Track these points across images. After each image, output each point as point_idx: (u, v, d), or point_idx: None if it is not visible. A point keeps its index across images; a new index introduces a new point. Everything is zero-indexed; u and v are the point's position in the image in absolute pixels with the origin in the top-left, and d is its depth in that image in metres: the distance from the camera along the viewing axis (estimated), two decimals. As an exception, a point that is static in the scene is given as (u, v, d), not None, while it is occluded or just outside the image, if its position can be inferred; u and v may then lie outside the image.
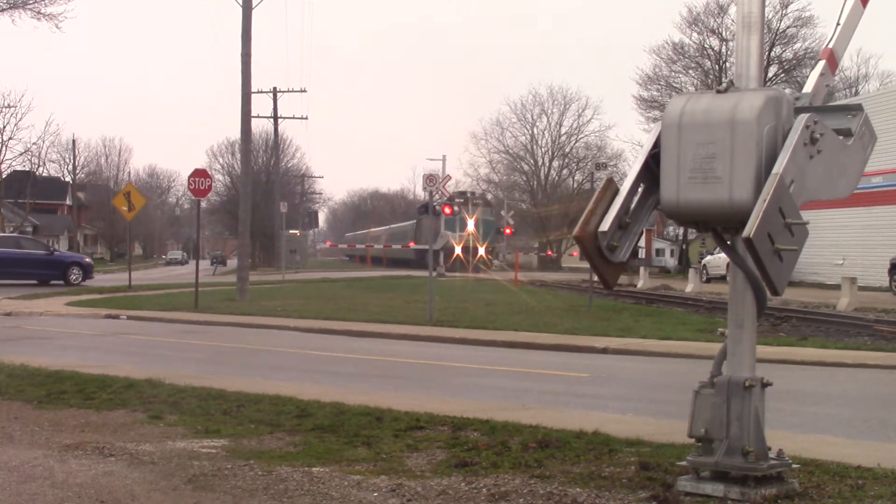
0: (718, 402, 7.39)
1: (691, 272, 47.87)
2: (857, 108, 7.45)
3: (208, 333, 23.35)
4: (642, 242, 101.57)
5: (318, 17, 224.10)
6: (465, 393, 13.60)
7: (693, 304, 35.08)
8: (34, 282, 43.82)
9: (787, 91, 7.55)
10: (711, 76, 76.85)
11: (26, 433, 10.18)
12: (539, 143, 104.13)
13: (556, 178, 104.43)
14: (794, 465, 7.57)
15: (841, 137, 7.29)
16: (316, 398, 11.93)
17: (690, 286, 44.44)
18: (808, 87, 7.40)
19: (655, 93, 78.96)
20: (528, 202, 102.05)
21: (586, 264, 61.95)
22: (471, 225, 77.81)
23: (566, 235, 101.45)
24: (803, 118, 7.02)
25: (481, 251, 77.72)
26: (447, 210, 65.91)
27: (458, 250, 75.80)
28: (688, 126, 7.22)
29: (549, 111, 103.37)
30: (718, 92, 7.29)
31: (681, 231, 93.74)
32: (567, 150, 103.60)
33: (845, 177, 7.38)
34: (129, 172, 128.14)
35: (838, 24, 7.57)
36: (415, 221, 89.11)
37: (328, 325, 24.62)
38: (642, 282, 50.26)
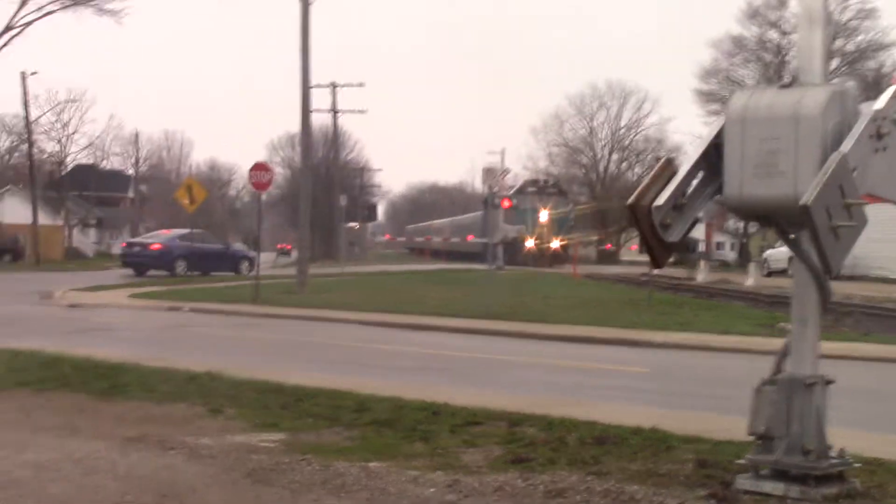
0: (780, 399, 7.33)
1: (751, 266, 47.42)
2: None
3: (267, 326, 23.53)
4: (703, 235, 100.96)
5: (377, 10, 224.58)
6: (522, 387, 13.60)
7: (753, 298, 34.80)
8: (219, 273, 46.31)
9: (852, 85, 7.46)
10: (771, 69, 76.11)
11: (90, 425, 10.31)
12: (598, 135, 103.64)
13: (616, 170, 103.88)
14: (855, 465, 7.47)
15: None
16: (374, 392, 11.96)
17: (751, 280, 44.03)
18: (880, 104, 7.26)
19: (715, 86, 78.38)
20: (586, 195, 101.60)
21: (645, 258, 61.89)
22: (544, 216, 74.52)
23: (624, 228, 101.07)
24: (871, 112, 6.95)
25: (556, 244, 74.48)
26: (505, 203, 64.86)
27: (529, 243, 72.84)
28: (751, 120, 7.17)
29: (608, 104, 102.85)
30: (782, 87, 7.24)
31: (741, 224, 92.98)
32: (626, 142, 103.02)
33: None
34: (191, 165, 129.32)
35: None
36: (479, 213, 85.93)
37: (386, 319, 24.70)
38: (702, 275, 49.86)
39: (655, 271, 38.53)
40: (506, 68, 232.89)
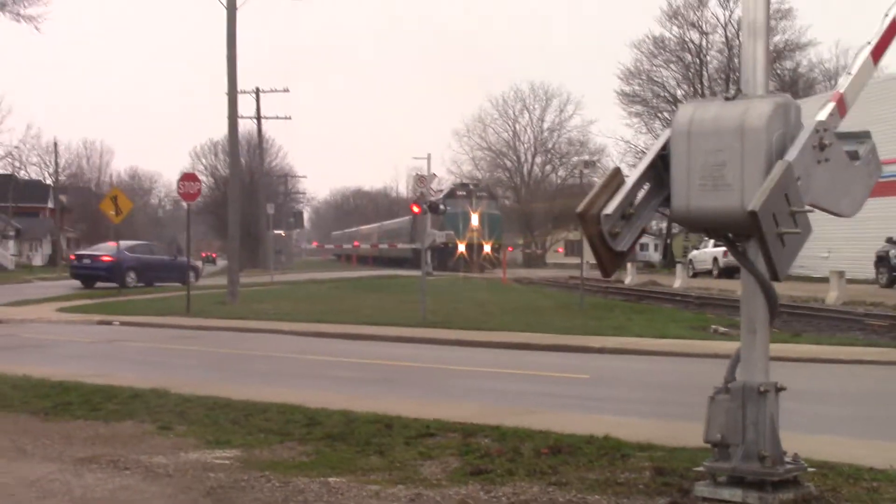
0: (734, 407, 7.47)
1: (679, 268, 48.06)
2: (866, 136, 7.65)
3: (203, 339, 23.36)
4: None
5: (300, 17, 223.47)
6: (469, 396, 13.67)
7: (682, 299, 35.34)
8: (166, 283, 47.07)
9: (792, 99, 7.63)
10: (692, 70, 77.29)
11: (38, 446, 10.18)
12: (521, 139, 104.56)
13: (540, 173, 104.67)
14: (809, 469, 7.65)
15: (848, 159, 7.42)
16: (323, 406, 11.95)
17: (678, 282, 44.66)
18: (822, 116, 7.42)
19: (637, 87, 79.30)
20: (511, 198, 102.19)
21: (571, 260, 61.70)
22: (474, 220, 74.75)
23: (550, 231, 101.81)
24: (813, 123, 7.14)
25: (487, 248, 74.48)
26: (432, 208, 64.91)
27: (461, 248, 72.95)
28: (697, 133, 7.32)
29: (531, 107, 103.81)
30: (727, 99, 7.39)
31: (664, 225, 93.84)
32: (550, 145, 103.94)
33: (849, 196, 7.51)
34: (111, 174, 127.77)
35: (849, 73, 7.68)
36: (407, 219, 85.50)
37: (322, 329, 24.66)
38: (630, 278, 50.46)
39: (590, 276, 39.01)
40: (428, 72, 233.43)
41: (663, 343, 20.37)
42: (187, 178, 31.47)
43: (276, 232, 64.42)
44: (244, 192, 73.07)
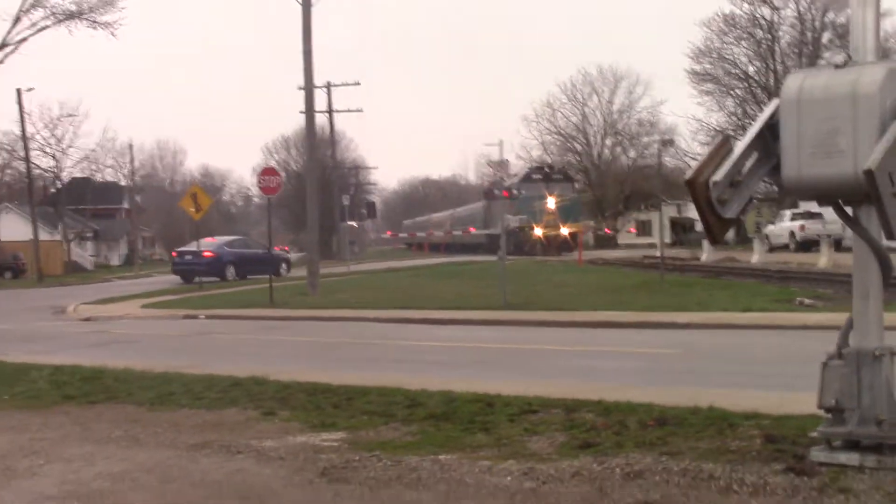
0: (848, 372, 7.46)
1: (756, 243, 47.59)
2: None
3: (290, 329, 23.63)
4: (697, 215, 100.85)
5: (368, 8, 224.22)
6: (564, 375, 13.72)
7: (762, 274, 35.02)
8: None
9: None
10: (764, 46, 76.22)
11: (149, 434, 10.40)
12: (591, 122, 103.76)
13: (610, 155, 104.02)
14: (926, 432, 7.60)
15: None
16: (420, 388, 12.07)
17: (756, 257, 44.28)
18: None
19: (708, 66, 78.43)
20: (581, 181, 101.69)
21: (643, 241, 61.10)
22: (551, 203, 72.36)
23: (621, 212, 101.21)
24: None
25: (563, 231, 71.87)
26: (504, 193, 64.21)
27: (537, 232, 71.10)
28: (807, 102, 7.30)
29: (600, 90, 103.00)
30: (837, 67, 7.36)
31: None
32: (619, 127, 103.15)
33: None
34: (185, 173, 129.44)
35: None
36: (480, 205, 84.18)
37: (405, 315, 24.82)
38: (706, 255, 50.11)
39: (668, 253, 38.90)
40: (493, 59, 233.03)
41: (750, 317, 20.26)
42: (267, 172, 31.91)
43: (349, 223, 64.75)
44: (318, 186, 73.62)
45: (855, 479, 7.08)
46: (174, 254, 53.33)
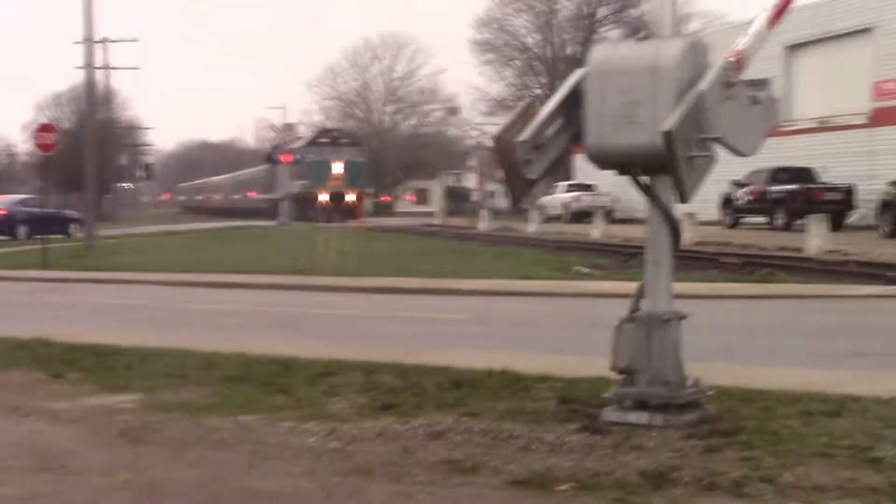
0: (639, 336, 7.83)
1: (533, 213, 48.85)
2: (766, 83, 8.05)
3: (67, 291, 22.93)
4: (476, 186, 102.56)
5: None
6: (356, 339, 13.81)
7: (539, 244, 35.97)
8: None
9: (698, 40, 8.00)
10: (543, 18, 78.12)
11: (-75, 397, 9.97)
12: (372, 88, 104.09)
13: (391, 123, 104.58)
14: (709, 392, 8.07)
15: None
16: (217, 349, 11.95)
17: (532, 227, 45.40)
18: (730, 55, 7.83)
19: (489, 36, 79.89)
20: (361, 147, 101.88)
21: (421, 209, 61.33)
22: (337, 168, 71.65)
23: (401, 180, 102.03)
24: (722, 61, 7.51)
25: (350, 197, 70.63)
26: (289, 157, 63.11)
27: (322, 197, 69.25)
28: (610, 73, 7.62)
29: (382, 56, 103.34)
30: (639, 40, 7.72)
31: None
32: (400, 94, 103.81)
33: (750, 136, 7.92)
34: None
35: (748, 34, 8.06)
36: (262, 168, 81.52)
37: (189, 279, 24.41)
38: (484, 224, 51.12)
39: (447, 221, 39.72)
40: (276, 23, 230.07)
41: (532, 284, 20.84)
42: (44, 128, 30.84)
43: (125, 184, 63.07)
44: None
45: (645, 436, 7.45)
46: None
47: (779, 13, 8.13)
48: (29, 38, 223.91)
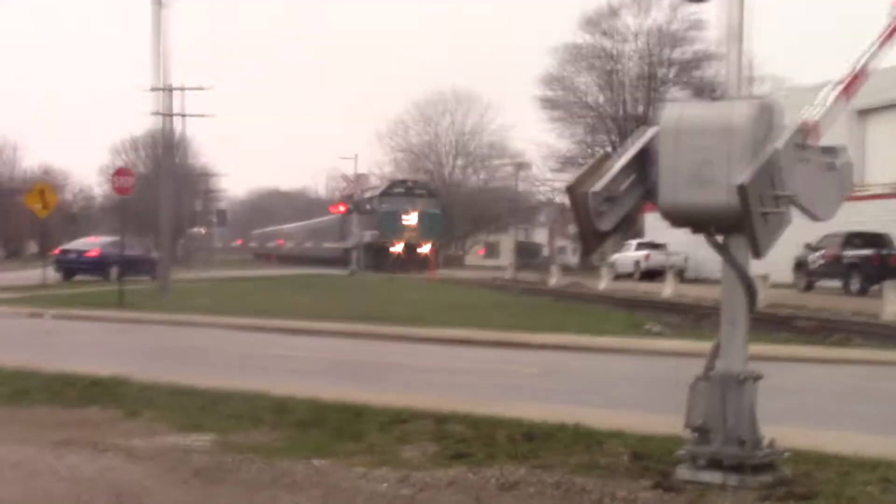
0: (714, 395, 7.79)
1: (604, 270, 48.69)
2: (842, 150, 8.16)
3: (143, 332, 23.28)
4: (546, 241, 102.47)
5: (225, 15, 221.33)
6: (428, 388, 13.84)
7: (610, 300, 35.90)
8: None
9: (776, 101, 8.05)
10: (615, 76, 78.26)
11: (9, 431, 10.18)
12: (442, 141, 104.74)
13: (460, 176, 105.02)
14: (785, 455, 8.00)
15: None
16: (289, 394, 12.05)
17: (603, 283, 45.29)
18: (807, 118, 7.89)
19: (555, 93, 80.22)
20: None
21: (491, 262, 61.21)
22: (413, 219, 68.69)
23: (470, 233, 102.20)
24: (797, 123, 7.54)
25: (424, 248, 67.71)
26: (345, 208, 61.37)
27: (397, 248, 67.32)
28: (684, 132, 7.66)
29: (453, 109, 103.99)
30: (713, 99, 7.78)
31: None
32: (470, 148, 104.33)
33: (824, 202, 7.96)
34: (24, 170, 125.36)
35: (823, 104, 8.11)
36: (339, 217, 78.70)
37: (260, 323, 24.64)
38: (555, 279, 51.05)
39: (517, 275, 39.65)
40: (349, 75, 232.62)
41: (602, 341, 20.75)
42: (121, 172, 31.56)
43: (197, 230, 63.92)
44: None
45: (718, 496, 7.42)
46: (57, 251, 52.94)
47: (851, 85, 8.16)
48: (107, 82, 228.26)
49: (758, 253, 7.38)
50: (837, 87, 8.23)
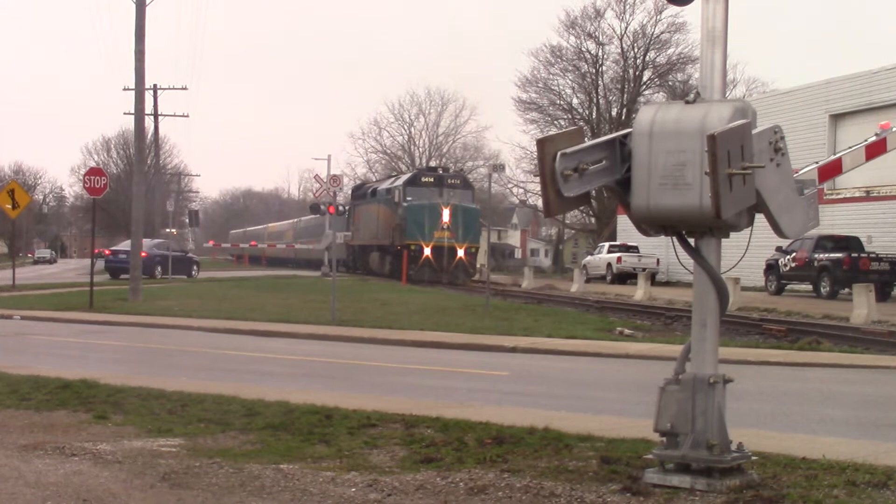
0: (684, 398, 7.78)
1: (576, 273, 48.78)
2: (809, 183, 8.18)
3: (113, 333, 23.14)
4: (519, 243, 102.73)
5: (200, 16, 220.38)
6: (398, 391, 13.84)
7: (581, 303, 35.95)
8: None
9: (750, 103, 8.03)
10: (588, 79, 78.45)
11: (-26, 435, 10.09)
12: (416, 142, 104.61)
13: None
14: (752, 458, 8.02)
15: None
16: (257, 397, 12.02)
17: (575, 286, 45.34)
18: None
19: (534, 94, 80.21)
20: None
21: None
22: (445, 215, 53.46)
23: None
24: (772, 125, 7.55)
25: (460, 252, 53.77)
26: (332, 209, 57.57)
27: (426, 251, 53.09)
28: (658, 135, 7.63)
29: (427, 111, 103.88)
30: (687, 103, 7.73)
31: (554, 231, 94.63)
32: (445, 149, 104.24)
33: (790, 215, 7.91)
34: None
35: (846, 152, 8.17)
36: (314, 218, 64.97)
37: (232, 325, 24.59)
38: (527, 281, 51.09)
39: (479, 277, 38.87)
40: (321, 76, 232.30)
41: (573, 343, 20.78)
42: (93, 172, 31.35)
43: (168, 230, 63.65)
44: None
45: (687, 500, 7.41)
46: (107, 252, 57.96)
47: (826, 172, 8.28)
48: (78, 82, 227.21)
49: (720, 213, 7.05)
50: (815, 169, 8.37)
